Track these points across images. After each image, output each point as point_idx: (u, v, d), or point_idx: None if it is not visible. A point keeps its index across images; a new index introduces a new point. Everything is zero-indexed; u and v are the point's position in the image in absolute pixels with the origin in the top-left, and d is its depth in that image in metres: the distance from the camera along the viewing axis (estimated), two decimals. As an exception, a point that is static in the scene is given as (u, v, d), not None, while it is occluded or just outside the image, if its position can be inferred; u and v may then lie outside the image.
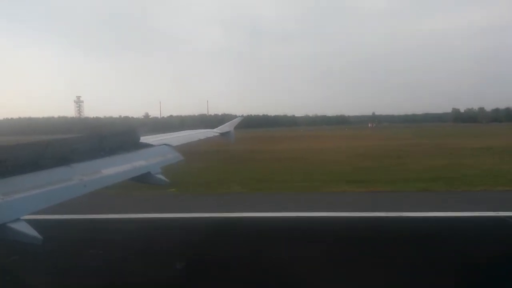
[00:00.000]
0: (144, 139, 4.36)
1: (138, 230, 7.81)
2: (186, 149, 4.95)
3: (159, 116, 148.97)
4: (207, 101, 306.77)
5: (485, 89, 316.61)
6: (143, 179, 3.76)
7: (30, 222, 2.46)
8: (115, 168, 3.44)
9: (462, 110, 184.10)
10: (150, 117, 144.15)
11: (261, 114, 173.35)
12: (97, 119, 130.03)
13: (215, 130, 7.92)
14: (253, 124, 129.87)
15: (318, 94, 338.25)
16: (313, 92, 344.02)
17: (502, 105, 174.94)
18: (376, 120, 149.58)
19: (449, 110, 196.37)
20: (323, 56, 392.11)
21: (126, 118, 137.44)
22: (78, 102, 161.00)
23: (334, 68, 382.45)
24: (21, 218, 2.39)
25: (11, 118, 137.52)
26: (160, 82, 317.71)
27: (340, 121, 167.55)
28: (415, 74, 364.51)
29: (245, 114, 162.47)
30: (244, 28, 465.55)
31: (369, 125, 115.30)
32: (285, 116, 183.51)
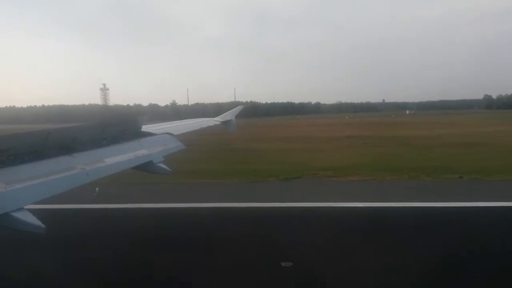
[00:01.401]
0: (146, 127, 4.42)
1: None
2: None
3: (186, 103, 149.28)
4: (235, 88, 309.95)
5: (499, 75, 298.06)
6: (145, 168, 3.83)
7: (32, 211, 2.52)
8: (117, 157, 3.51)
9: (477, 97, 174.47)
10: (177, 104, 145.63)
11: (285, 101, 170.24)
12: (128, 107, 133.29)
13: (216, 118, 7.86)
14: (278, 111, 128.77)
15: (330, 81, 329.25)
16: (327, 79, 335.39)
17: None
18: (415, 108, 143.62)
19: (472, 96, 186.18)
20: (337, 44, 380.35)
21: (155, 105, 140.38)
22: (104, 89, 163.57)
23: (346, 56, 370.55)
24: (24, 207, 2.46)
25: (35, 106, 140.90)
26: (185, 70, 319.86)
27: (367, 109, 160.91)
28: (426, 61, 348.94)
29: (269, 102, 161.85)
30: (261, 18, 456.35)
31: (407, 112, 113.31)
32: (309, 103, 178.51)
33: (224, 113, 8.53)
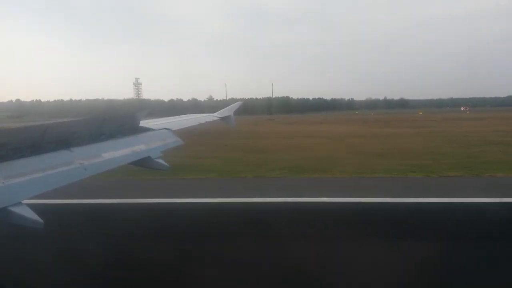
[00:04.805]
0: (144, 123, 4.39)
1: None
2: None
3: (224, 98, 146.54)
4: (272, 84, 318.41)
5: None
6: (143, 163, 3.79)
7: (31, 206, 2.49)
8: (115, 152, 3.47)
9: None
10: (214, 99, 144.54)
11: (317, 97, 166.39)
12: (172, 101, 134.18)
13: (215, 114, 7.80)
14: (310, 107, 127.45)
15: (360, 78, 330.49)
16: (357, 76, 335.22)
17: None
18: (470, 104, 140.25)
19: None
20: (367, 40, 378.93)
21: (194, 100, 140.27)
22: (137, 84, 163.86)
23: (368, 53, 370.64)
24: (22, 202, 2.42)
25: (61, 100, 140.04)
26: (223, 67, 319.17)
27: (401, 105, 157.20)
28: (442, 59, 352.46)
29: (300, 97, 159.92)
30: (294, 14, 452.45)
31: (462, 108, 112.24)
32: (342, 100, 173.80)
33: (223, 109, 8.45)
